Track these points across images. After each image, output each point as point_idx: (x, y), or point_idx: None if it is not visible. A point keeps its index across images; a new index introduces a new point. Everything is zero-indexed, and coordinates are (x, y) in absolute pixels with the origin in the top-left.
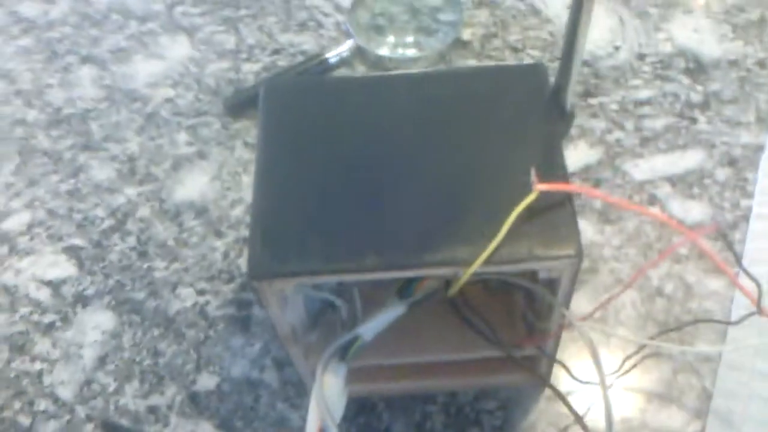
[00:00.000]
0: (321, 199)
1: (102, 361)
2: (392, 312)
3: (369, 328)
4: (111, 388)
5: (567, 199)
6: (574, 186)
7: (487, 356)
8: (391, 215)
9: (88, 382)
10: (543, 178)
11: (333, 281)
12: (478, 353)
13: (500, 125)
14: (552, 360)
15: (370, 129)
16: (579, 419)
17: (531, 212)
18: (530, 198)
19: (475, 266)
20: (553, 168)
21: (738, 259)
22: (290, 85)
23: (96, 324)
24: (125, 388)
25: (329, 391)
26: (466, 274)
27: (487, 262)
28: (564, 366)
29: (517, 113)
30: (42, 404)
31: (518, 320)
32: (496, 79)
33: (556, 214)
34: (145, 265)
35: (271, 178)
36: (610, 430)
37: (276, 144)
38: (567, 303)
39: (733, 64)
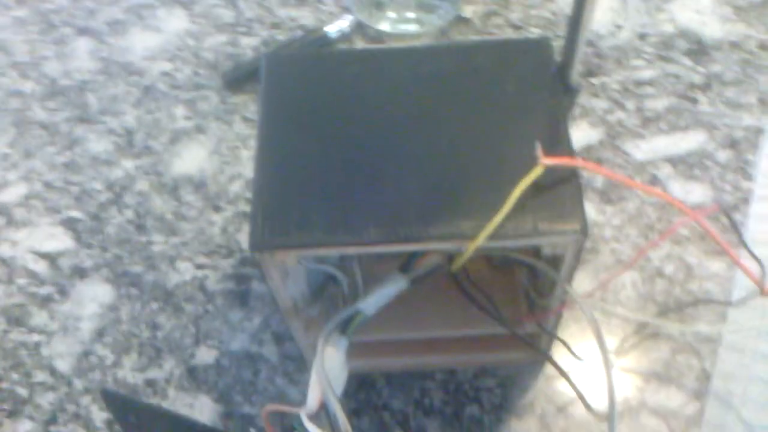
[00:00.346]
0: (323, 172)
1: (100, 333)
2: (394, 287)
3: (370, 303)
4: (109, 361)
5: (572, 175)
6: (580, 161)
7: (487, 333)
8: (394, 189)
9: (86, 355)
10: (548, 152)
11: (335, 254)
12: (479, 329)
13: (505, 99)
14: (552, 337)
15: (372, 102)
16: (581, 396)
17: (536, 187)
18: (536, 172)
19: (480, 240)
20: (559, 143)
21: (742, 240)
22: (292, 59)
23: (94, 296)
24: (123, 361)
25: (330, 364)
26: (471, 248)
27: (492, 236)
28: (564, 343)
29: (521, 88)
30: (40, 376)
31: (520, 297)
32: (501, 53)
33: (561, 190)
34: (143, 239)
35: (273, 151)
36: (612, 408)
37: (278, 117)
38: (570, 279)
39: (735, 46)
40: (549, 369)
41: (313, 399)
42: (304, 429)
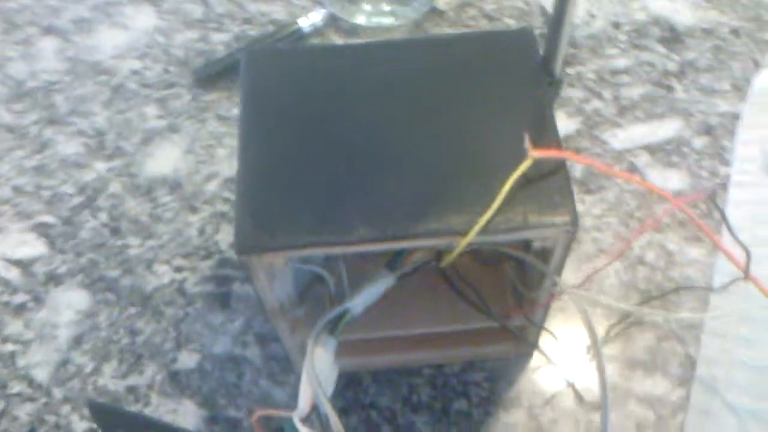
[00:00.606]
0: (309, 171)
1: (77, 341)
2: (381, 284)
3: (358, 302)
4: (88, 369)
5: (560, 167)
6: (570, 153)
7: (476, 327)
8: (382, 186)
9: (64, 363)
10: (536, 144)
11: (322, 254)
12: (467, 324)
13: (489, 92)
14: (541, 329)
15: (356, 98)
16: (571, 386)
17: (524, 180)
18: (525, 165)
19: (471, 236)
20: (546, 135)
21: (728, 226)
22: (272, 55)
23: (69, 303)
24: (103, 369)
25: (320, 365)
26: (462, 244)
27: (482, 231)
28: (552, 335)
29: (505, 80)
30: (16, 387)
31: (507, 291)
32: (483, 45)
33: (550, 182)
34: (119, 242)
35: (256, 150)
36: (605, 398)
37: (259, 115)
38: (559, 272)
39: (708, 32)
40: (536, 361)
41: (304, 401)
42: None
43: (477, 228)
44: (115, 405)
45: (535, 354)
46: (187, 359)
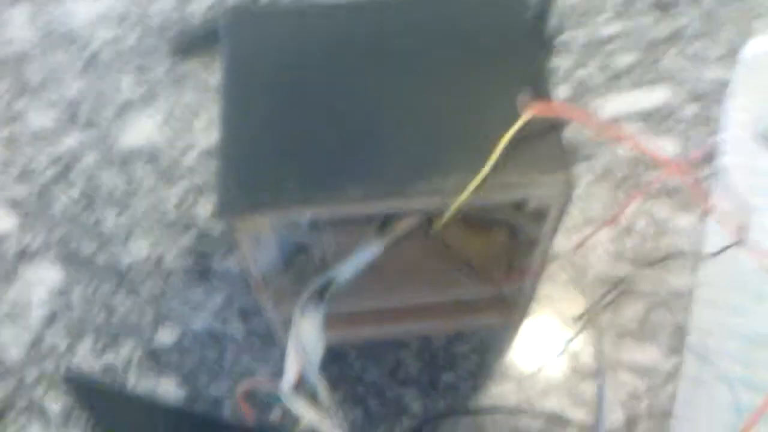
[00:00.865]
0: (295, 133)
1: (50, 319)
2: (369, 251)
3: (345, 270)
4: (62, 348)
5: (553, 126)
6: (568, 109)
7: (465, 297)
8: (372, 147)
9: (37, 343)
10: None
11: (309, 218)
12: (456, 294)
13: (482, 51)
14: (530, 298)
15: (345, 57)
16: (561, 355)
17: (519, 140)
18: (522, 120)
19: (466, 195)
20: (540, 94)
21: (726, 190)
22: (253, 14)
23: (41, 280)
24: (77, 347)
25: (307, 335)
26: (457, 203)
27: (477, 190)
28: (543, 303)
29: (498, 38)
30: None
31: (498, 259)
32: (475, 3)
33: (544, 141)
34: (93, 217)
35: (239, 110)
36: (601, 362)
37: (242, 75)
38: (553, 235)
39: (696, 0)
40: (524, 332)
41: (290, 372)
42: (284, 403)
43: (472, 186)
44: (93, 377)
45: (524, 325)
46: (166, 336)
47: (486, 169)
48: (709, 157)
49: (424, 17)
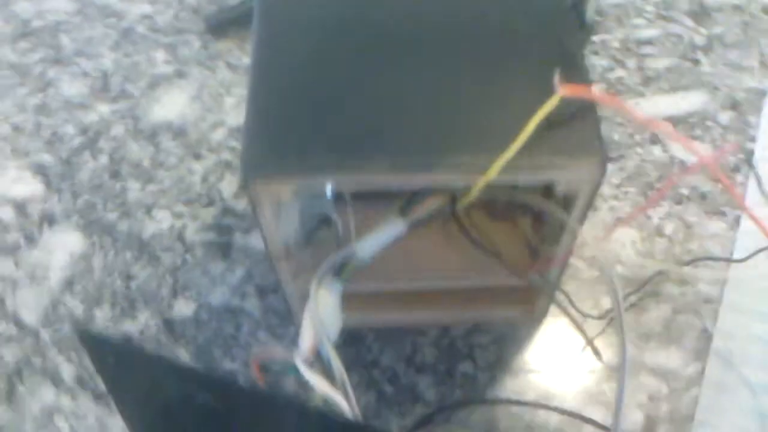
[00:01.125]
0: (324, 102)
1: (69, 283)
2: (391, 230)
3: (367, 247)
4: (79, 312)
5: (590, 109)
6: (600, 93)
7: (486, 286)
8: (402, 120)
9: (54, 306)
10: (566, 84)
11: (332, 191)
12: (479, 280)
13: (519, 34)
14: (555, 289)
15: (377, 37)
16: (590, 342)
17: (552, 120)
18: (553, 101)
19: (493, 172)
20: (576, 76)
21: (763, 190)
22: None
23: (63, 245)
24: (95, 313)
25: (324, 309)
26: (484, 180)
27: (504, 169)
28: (567, 295)
29: (536, 23)
30: (2, 326)
31: (523, 246)
32: None
33: (578, 123)
34: (118, 185)
35: (270, 75)
36: (624, 358)
37: (273, 50)
38: (581, 222)
39: (737, 8)
40: (545, 327)
41: (305, 344)
42: (298, 374)
43: (499, 163)
44: (106, 333)
45: (546, 320)
46: (184, 307)
47: (514, 148)
48: (744, 162)
49: None
